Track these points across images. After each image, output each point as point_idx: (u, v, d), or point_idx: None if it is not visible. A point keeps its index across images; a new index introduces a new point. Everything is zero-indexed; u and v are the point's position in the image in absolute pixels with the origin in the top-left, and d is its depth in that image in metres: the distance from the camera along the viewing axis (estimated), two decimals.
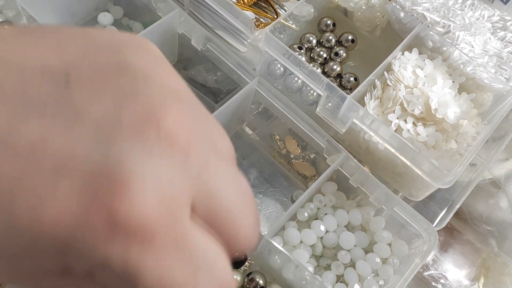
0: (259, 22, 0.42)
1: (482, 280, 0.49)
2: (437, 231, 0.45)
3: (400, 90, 0.40)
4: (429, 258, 0.49)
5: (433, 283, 0.48)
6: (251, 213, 0.16)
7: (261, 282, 0.39)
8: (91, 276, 0.13)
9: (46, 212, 0.12)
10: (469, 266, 0.49)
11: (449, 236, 0.51)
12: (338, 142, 0.43)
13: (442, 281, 0.48)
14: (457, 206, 0.45)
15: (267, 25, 0.43)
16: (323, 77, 0.40)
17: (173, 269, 0.13)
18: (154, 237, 0.13)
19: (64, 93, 0.13)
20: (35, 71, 0.13)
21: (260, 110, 0.50)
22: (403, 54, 0.43)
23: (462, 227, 0.51)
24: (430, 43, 0.43)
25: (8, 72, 0.13)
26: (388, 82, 0.41)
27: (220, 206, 0.15)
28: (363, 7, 0.47)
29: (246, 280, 0.39)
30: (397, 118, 0.40)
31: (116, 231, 0.12)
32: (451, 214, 0.45)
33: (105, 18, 0.50)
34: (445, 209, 0.47)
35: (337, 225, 0.42)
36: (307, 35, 0.49)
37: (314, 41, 0.49)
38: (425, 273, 0.49)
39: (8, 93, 0.13)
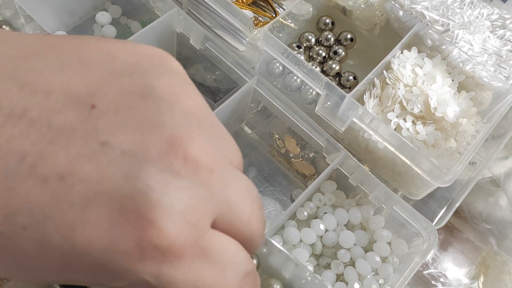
0: (257, 21, 0.42)
1: (482, 279, 0.49)
2: (437, 229, 0.45)
3: (399, 88, 0.40)
4: (428, 257, 0.49)
5: (433, 282, 0.48)
6: (262, 215, 0.18)
7: (254, 261, 0.38)
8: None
9: (77, 237, 0.13)
10: (469, 264, 0.49)
11: (449, 234, 0.51)
12: (337, 141, 0.43)
13: (441, 279, 0.48)
14: (457, 205, 0.45)
15: (265, 24, 0.43)
16: (322, 75, 0.40)
17: (203, 273, 0.14)
18: (182, 255, 0.14)
19: (90, 120, 0.14)
20: (61, 97, 0.14)
21: (259, 109, 0.50)
22: (402, 52, 0.43)
23: (461, 226, 0.50)
24: (429, 42, 0.43)
25: (35, 97, 0.14)
26: (387, 80, 0.41)
27: (239, 217, 0.16)
28: (362, 5, 0.47)
29: None
30: (397, 117, 0.40)
31: (147, 255, 0.13)
32: (451, 213, 0.45)
33: (103, 17, 0.50)
34: (445, 207, 0.47)
35: (337, 224, 0.41)
36: (306, 34, 0.49)
37: (313, 40, 0.49)
38: (425, 272, 0.49)
39: (35, 119, 0.13)
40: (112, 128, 0.14)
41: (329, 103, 0.41)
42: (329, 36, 0.49)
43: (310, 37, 0.49)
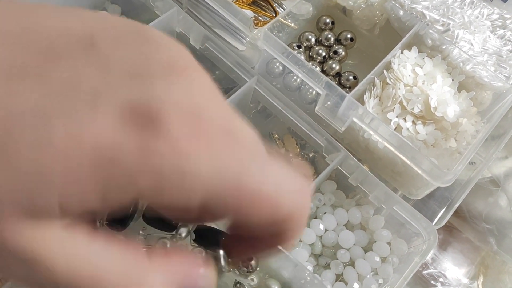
0: (257, 21, 0.42)
1: (481, 279, 0.49)
2: (437, 229, 0.45)
3: (399, 88, 0.40)
4: (428, 257, 0.49)
5: (432, 282, 0.48)
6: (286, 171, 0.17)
7: (253, 262, 0.38)
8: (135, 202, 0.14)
9: (85, 134, 0.13)
10: (468, 264, 0.49)
11: (449, 234, 0.51)
12: (337, 140, 0.43)
13: (441, 279, 0.48)
14: (457, 205, 0.45)
15: (265, 23, 0.43)
16: (322, 75, 0.40)
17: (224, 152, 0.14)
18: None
19: (91, 48, 0.14)
20: (60, 33, 0.14)
21: (258, 109, 0.50)
22: (402, 52, 0.43)
23: (461, 226, 0.50)
24: (430, 42, 0.43)
25: (34, 34, 0.14)
26: (388, 80, 0.41)
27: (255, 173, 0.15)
28: (362, 5, 0.47)
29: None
30: (397, 117, 0.40)
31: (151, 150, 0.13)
32: (451, 213, 0.45)
33: None
34: (445, 207, 0.47)
35: (337, 224, 0.41)
36: (306, 34, 0.49)
37: (313, 40, 0.49)
38: (424, 272, 0.49)
39: (36, 44, 0.14)
40: (113, 49, 0.14)
41: (329, 103, 0.41)
42: (329, 35, 0.49)
43: (310, 36, 0.49)
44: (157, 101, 0.13)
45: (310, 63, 0.47)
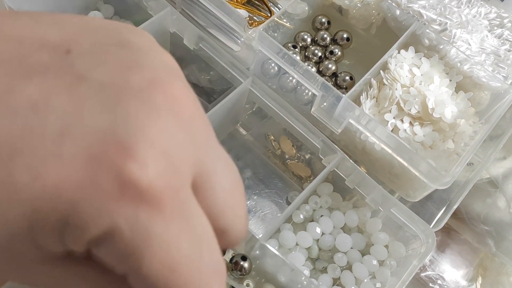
0: (252, 21, 0.41)
1: (480, 281, 0.49)
2: (435, 231, 0.44)
3: (396, 89, 0.40)
4: (426, 259, 0.48)
5: (431, 284, 0.48)
6: (244, 204, 0.16)
7: (246, 265, 0.37)
8: (91, 257, 0.13)
9: (49, 174, 0.12)
10: (467, 266, 0.49)
11: (447, 236, 0.50)
12: (333, 142, 0.42)
13: (439, 282, 0.48)
14: (455, 207, 0.45)
15: (260, 23, 0.42)
16: (318, 76, 0.39)
17: (180, 240, 0.13)
18: (161, 202, 0.12)
19: (66, 59, 0.13)
20: (34, 43, 0.13)
21: (254, 110, 0.49)
22: (399, 52, 0.42)
23: (459, 227, 0.50)
24: (427, 41, 0.42)
25: (6, 43, 0.13)
26: (384, 81, 0.41)
27: (217, 188, 0.14)
28: (358, 4, 0.46)
29: (231, 265, 0.37)
30: (394, 118, 0.40)
31: (125, 192, 0.12)
32: (449, 215, 0.45)
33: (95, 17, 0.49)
34: (443, 209, 0.47)
35: (333, 227, 0.41)
36: (302, 34, 0.48)
37: (309, 40, 0.49)
38: (422, 274, 0.48)
39: (6, 59, 0.13)
40: (89, 66, 0.13)
41: (325, 104, 0.41)
42: (325, 35, 0.48)
43: (305, 36, 0.48)
44: (132, 134, 0.12)
45: (306, 64, 0.46)
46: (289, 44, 0.48)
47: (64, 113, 0.12)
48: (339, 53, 0.48)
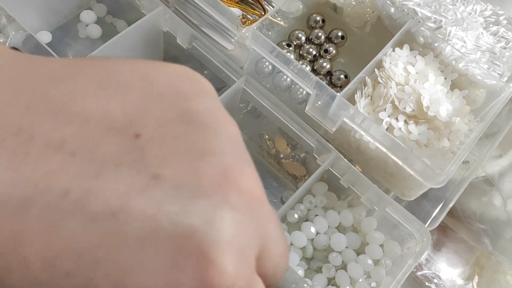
0: (245, 19, 0.41)
1: (476, 279, 0.48)
2: (430, 230, 0.44)
3: (391, 87, 0.39)
4: (422, 258, 0.48)
5: (427, 283, 0.47)
6: (287, 248, 0.17)
7: None
8: None
9: (131, 283, 0.11)
10: (463, 265, 0.49)
11: (442, 234, 0.50)
12: (328, 141, 0.42)
13: (435, 280, 0.48)
14: (451, 205, 0.44)
15: (254, 22, 0.42)
16: (312, 75, 0.39)
17: None
18: None
19: (136, 149, 0.12)
20: (100, 125, 0.12)
21: (249, 109, 0.49)
22: (394, 50, 0.42)
23: (455, 225, 0.50)
24: (421, 39, 0.42)
25: (71, 126, 0.12)
26: (379, 79, 0.40)
27: (273, 254, 0.15)
28: (353, 2, 0.46)
29: None
30: (389, 116, 0.39)
31: None
32: (445, 213, 0.44)
33: (88, 16, 0.48)
34: (439, 207, 0.46)
35: (328, 227, 0.41)
36: (296, 32, 0.48)
37: (303, 38, 0.48)
38: (418, 273, 0.48)
39: (75, 150, 0.12)
40: (160, 159, 0.12)
41: (319, 102, 0.40)
42: (320, 34, 0.48)
43: (300, 35, 0.48)
44: (210, 239, 0.12)
45: (300, 62, 0.46)
46: (284, 43, 0.48)
47: (143, 218, 0.12)
48: (334, 51, 0.48)
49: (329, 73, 0.47)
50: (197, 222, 0.12)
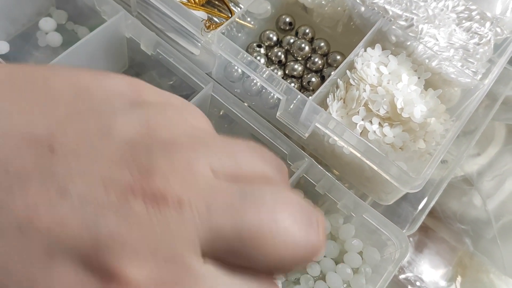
0: (210, 23, 0.39)
1: (459, 280, 0.47)
2: (412, 232, 0.43)
3: (364, 90, 0.38)
4: (404, 261, 0.47)
5: (409, 287, 0.46)
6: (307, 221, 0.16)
7: None
8: None
9: None
10: (446, 265, 0.48)
11: (424, 235, 0.49)
12: (303, 147, 0.40)
13: (418, 283, 0.47)
14: (430, 206, 0.43)
15: (219, 25, 0.40)
16: (281, 79, 0.37)
17: None
18: None
19: (49, 163, 0.13)
20: (20, 137, 0.13)
21: (221, 114, 0.47)
22: (365, 50, 0.41)
23: (436, 226, 0.49)
24: (393, 38, 0.41)
25: None
26: (351, 81, 0.39)
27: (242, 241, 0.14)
28: (323, 2, 0.45)
29: None
30: (362, 120, 0.38)
31: None
32: (424, 215, 0.43)
33: (47, 23, 0.46)
34: (419, 208, 0.45)
35: None
36: (267, 32, 0.46)
37: (275, 38, 0.47)
38: (401, 277, 0.47)
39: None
40: (72, 173, 0.13)
41: (291, 107, 0.39)
42: (291, 40, 0.46)
43: (271, 35, 0.46)
44: (114, 251, 0.12)
45: (270, 68, 0.45)
46: (254, 44, 0.46)
47: (47, 232, 0.12)
48: (307, 48, 0.46)
49: (301, 76, 0.45)
50: (101, 237, 0.12)
